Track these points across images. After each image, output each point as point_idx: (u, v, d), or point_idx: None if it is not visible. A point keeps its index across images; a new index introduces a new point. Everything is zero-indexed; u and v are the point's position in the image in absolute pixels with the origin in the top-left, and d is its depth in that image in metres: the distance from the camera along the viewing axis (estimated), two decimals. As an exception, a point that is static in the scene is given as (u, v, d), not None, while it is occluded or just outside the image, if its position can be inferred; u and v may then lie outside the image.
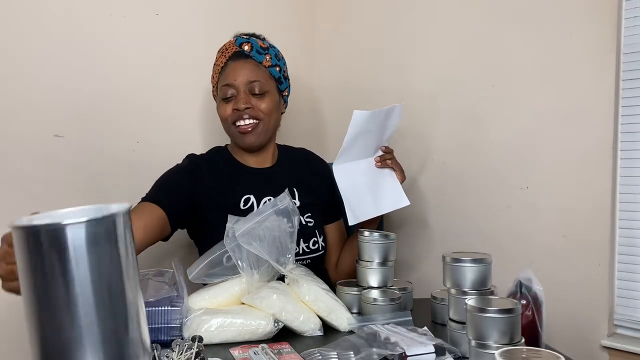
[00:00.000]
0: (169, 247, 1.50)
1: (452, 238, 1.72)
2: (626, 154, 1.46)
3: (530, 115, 1.57)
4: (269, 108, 1.41)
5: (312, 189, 1.50)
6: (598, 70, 1.46)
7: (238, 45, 1.42)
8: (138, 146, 1.58)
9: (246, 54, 1.42)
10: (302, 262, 1.42)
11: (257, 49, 1.43)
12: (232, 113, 1.40)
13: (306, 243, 1.44)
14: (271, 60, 1.44)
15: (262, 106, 1.40)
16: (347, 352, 1.00)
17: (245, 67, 1.40)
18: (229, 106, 1.40)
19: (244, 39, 1.44)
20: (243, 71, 1.40)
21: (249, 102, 1.39)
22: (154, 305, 1.07)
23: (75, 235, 0.70)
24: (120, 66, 1.55)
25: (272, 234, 1.20)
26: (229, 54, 1.43)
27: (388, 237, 1.30)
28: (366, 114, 1.37)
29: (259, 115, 1.40)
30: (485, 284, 1.07)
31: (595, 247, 1.46)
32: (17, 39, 1.35)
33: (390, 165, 1.48)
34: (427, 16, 1.81)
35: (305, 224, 1.45)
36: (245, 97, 1.39)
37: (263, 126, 1.42)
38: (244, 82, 1.39)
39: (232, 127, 1.41)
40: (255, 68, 1.41)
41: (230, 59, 1.42)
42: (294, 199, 1.46)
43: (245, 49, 1.42)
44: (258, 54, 1.42)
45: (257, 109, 1.40)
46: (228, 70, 1.41)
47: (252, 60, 1.42)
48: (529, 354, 0.83)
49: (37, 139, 1.39)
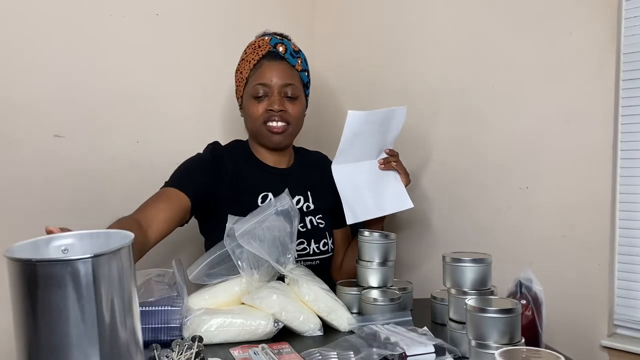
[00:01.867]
0: (169, 247, 1.50)
1: (452, 238, 1.72)
2: (626, 154, 1.46)
3: (530, 115, 1.57)
4: (299, 112, 1.44)
5: (325, 193, 1.51)
6: (598, 70, 1.46)
7: (273, 45, 1.43)
8: (138, 146, 1.58)
9: (281, 55, 1.42)
10: (312, 263, 1.44)
11: (290, 52, 1.44)
12: (264, 112, 1.40)
13: (317, 244, 1.45)
14: (302, 65, 1.47)
15: (294, 110, 1.42)
16: (347, 352, 1.00)
17: (280, 68, 1.41)
18: (261, 105, 1.40)
19: (277, 39, 1.45)
20: (279, 72, 1.41)
21: (283, 104, 1.40)
22: (154, 305, 1.07)
23: (76, 271, 0.69)
24: (120, 66, 1.55)
25: (272, 234, 1.20)
26: (262, 52, 1.42)
27: (388, 237, 1.31)
28: (361, 114, 1.37)
29: (289, 119, 1.42)
30: (485, 284, 1.07)
31: (595, 247, 1.46)
32: (17, 39, 1.36)
33: (394, 167, 1.48)
34: (427, 16, 1.81)
35: (316, 225, 1.47)
36: (280, 99, 1.40)
37: (291, 129, 1.44)
38: (279, 84, 1.40)
39: (262, 126, 1.42)
40: (290, 71, 1.43)
41: (265, 57, 1.42)
42: (307, 201, 1.48)
43: (280, 50, 1.43)
44: (292, 56, 1.44)
45: (288, 112, 1.41)
46: (263, 69, 1.41)
47: (286, 62, 1.43)
48: (529, 354, 0.83)
49: (37, 139, 1.39)
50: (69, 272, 0.69)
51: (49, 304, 0.69)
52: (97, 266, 0.71)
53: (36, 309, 0.69)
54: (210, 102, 1.77)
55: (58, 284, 0.69)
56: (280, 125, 1.41)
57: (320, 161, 1.59)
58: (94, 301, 0.70)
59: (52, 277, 0.69)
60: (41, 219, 1.38)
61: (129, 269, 0.76)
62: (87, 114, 1.48)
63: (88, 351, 0.70)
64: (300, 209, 1.47)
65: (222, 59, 1.78)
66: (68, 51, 1.44)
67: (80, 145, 1.47)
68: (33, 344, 0.70)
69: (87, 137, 1.48)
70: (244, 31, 1.84)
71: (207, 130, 1.75)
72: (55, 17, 1.42)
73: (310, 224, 1.46)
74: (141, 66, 1.60)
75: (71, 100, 1.45)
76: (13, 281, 0.71)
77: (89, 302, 0.70)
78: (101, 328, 0.71)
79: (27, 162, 1.37)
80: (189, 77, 1.70)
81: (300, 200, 1.48)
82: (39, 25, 1.39)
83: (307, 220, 1.46)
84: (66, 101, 1.44)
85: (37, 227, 1.37)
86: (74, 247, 0.82)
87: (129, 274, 0.76)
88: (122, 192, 1.56)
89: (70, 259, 0.71)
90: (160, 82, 1.64)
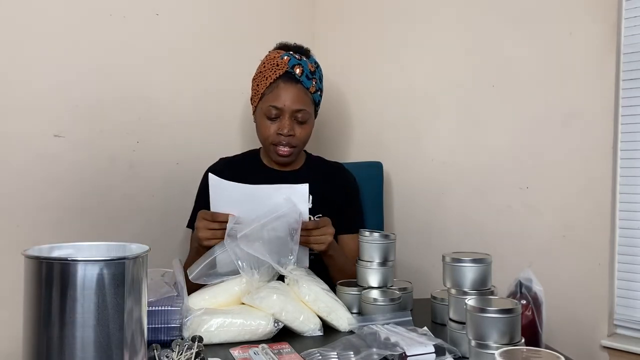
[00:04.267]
0: (170, 247, 1.50)
1: (452, 238, 1.72)
2: (626, 154, 1.46)
3: (530, 115, 1.57)
4: (307, 135, 1.52)
5: (329, 199, 1.53)
6: (598, 70, 1.46)
7: (290, 66, 1.47)
8: (138, 146, 1.58)
9: (297, 78, 1.47)
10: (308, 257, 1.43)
11: (306, 74, 1.48)
12: (274, 135, 1.47)
13: None
14: (316, 85, 1.51)
15: (302, 134, 1.49)
16: (347, 352, 0.99)
17: (294, 92, 1.46)
18: (272, 127, 1.47)
19: (296, 60, 1.48)
20: (292, 97, 1.46)
21: (292, 129, 1.47)
22: (154, 305, 1.07)
23: (88, 273, 0.71)
24: (120, 66, 1.55)
25: (274, 235, 1.20)
26: (280, 72, 1.47)
27: (388, 237, 1.30)
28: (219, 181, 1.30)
29: (296, 143, 1.49)
30: (485, 284, 1.07)
31: (595, 247, 1.46)
32: (17, 39, 1.35)
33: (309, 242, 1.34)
34: (427, 16, 1.81)
35: None
36: (290, 124, 1.47)
37: (297, 150, 1.52)
38: (291, 109, 1.46)
39: (271, 145, 1.50)
40: (303, 95, 1.48)
41: (281, 78, 1.47)
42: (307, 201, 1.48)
43: (296, 73, 1.47)
44: (307, 79, 1.49)
45: (296, 137, 1.48)
46: (278, 91, 1.46)
47: (300, 86, 1.47)
48: (529, 354, 0.83)
49: (37, 139, 1.39)
50: (84, 272, 0.71)
51: (62, 303, 0.70)
52: (112, 269, 0.73)
53: (50, 308, 0.71)
54: (210, 103, 1.76)
55: (73, 283, 0.70)
56: (287, 150, 1.49)
57: (334, 170, 1.63)
58: (108, 302, 0.72)
59: (68, 276, 0.70)
60: (41, 219, 1.39)
61: (143, 278, 0.79)
62: (87, 114, 1.48)
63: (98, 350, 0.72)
64: None
65: (222, 59, 1.79)
66: (68, 51, 1.44)
67: (80, 145, 1.47)
68: (43, 342, 0.71)
69: (87, 137, 1.48)
70: (244, 31, 1.84)
71: (207, 130, 1.75)
72: (55, 17, 1.42)
73: None
74: (141, 66, 1.60)
75: (71, 100, 1.45)
76: (28, 280, 0.73)
77: (101, 302, 0.72)
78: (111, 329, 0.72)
79: (27, 162, 1.37)
80: (189, 77, 1.70)
81: None
82: (39, 25, 1.39)
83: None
84: (66, 101, 1.44)
85: (37, 227, 1.38)
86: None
87: (142, 281, 0.78)
88: (122, 192, 1.56)
89: (90, 259, 0.72)
90: (160, 82, 1.64)
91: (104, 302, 0.71)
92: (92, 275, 0.71)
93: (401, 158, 1.69)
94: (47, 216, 1.40)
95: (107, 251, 0.85)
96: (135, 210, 1.58)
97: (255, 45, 1.64)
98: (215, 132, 1.78)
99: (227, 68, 1.79)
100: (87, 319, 0.71)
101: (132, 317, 0.74)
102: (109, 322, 0.72)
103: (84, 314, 0.71)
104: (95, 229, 1.48)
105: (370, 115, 1.95)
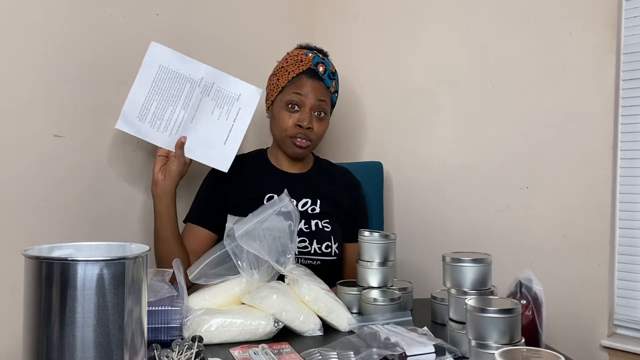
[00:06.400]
0: (169, 247, 1.50)
1: (452, 238, 1.72)
2: (626, 154, 1.46)
3: (530, 115, 1.57)
4: (323, 131, 1.53)
5: (336, 203, 1.55)
6: (598, 70, 1.46)
7: (314, 63, 1.50)
8: (138, 146, 1.58)
9: (320, 75, 1.49)
10: (313, 262, 1.45)
11: (329, 73, 1.52)
12: (293, 127, 1.48)
13: (319, 245, 1.47)
14: (335, 86, 1.54)
15: (319, 129, 1.51)
16: (347, 352, 0.99)
17: (318, 87, 1.49)
18: (292, 118, 1.48)
19: (319, 58, 1.52)
20: (316, 92, 1.48)
21: (312, 122, 1.48)
22: (154, 305, 1.07)
23: (88, 273, 0.71)
24: (120, 66, 1.54)
25: (272, 234, 1.20)
26: (303, 68, 1.49)
27: (388, 237, 1.30)
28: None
29: (314, 137, 1.51)
30: (485, 284, 1.07)
31: (595, 247, 1.46)
32: (17, 38, 1.35)
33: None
34: (427, 16, 1.81)
35: (322, 228, 1.50)
36: (310, 116, 1.48)
37: (312, 146, 1.53)
38: (313, 103, 1.48)
39: (288, 138, 1.49)
40: (325, 92, 1.51)
41: (304, 73, 1.49)
42: (315, 204, 1.52)
43: (320, 70, 1.50)
44: (329, 78, 1.52)
45: (314, 131, 1.50)
46: (302, 83, 1.49)
47: (323, 84, 1.50)
48: (529, 354, 0.83)
49: (37, 139, 1.39)
50: (84, 272, 0.71)
51: (62, 303, 0.71)
52: (112, 269, 0.73)
53: (50, 308, 0.71)
54: (210, 102, 1.76)
55: (73, 283, 0.71)
56: (305, 142, 1.49)
57: (340, 173, 1.64)
58: (108, 302, 0.72)
59: (68, 276, 0.71)
60: (41, 219, 1.39)
61: (143, 278, 0.79)
62: (87, 114, 1.48)
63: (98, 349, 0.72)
64: (305, 211, 1.51)
65: (222, 59, 1.78)
66: (68, 51, 1.44)
67: (80, 145, 1.47)
68: (43, 342, 0.71)
69: (87, 137, 1.48)
70: (244, 31, 1.84)
71: (207, 130, 1.75)
72: (55, 17, 1.42)
73: (315, 226, 1.49)
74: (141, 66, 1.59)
75: (71, 100, 1.45)
76: (28, 280, 0.73)
77: (101, 302, 0.72)
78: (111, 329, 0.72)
79: (27, 162, 1.37)
80: (189, 77, 1.70)
81: (307, 202, 1.52)
82: (39, 24, 1.39)
83: (313, 223, 1.50)
84: (66, 101, 1.44)
85: (36, 227, 1.38)
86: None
87: (143, 281, 0.79)
88: (122, 192, 1.56)
89: (90, 259, 0.73)
90: (160, 82, 1.64)
91: (104, 302, 0.71)
92: (92, 275, 0.71)
93: (401, 158, 1.69)
94: (47, 216, 1.40)
95: (107, 251, 0.85)
96: (135, 210, 1.58)
97: (256, 46, 1.65)
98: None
99: (227, 68, 1.78)
100: (87, 319, 0.71)
101: (132, 317, 0.74)
102: (109, 322, 0.72)
103: (84, 314, 0.71)
104: (95, 229, 1.48)
105: (370, 115, 1.95)
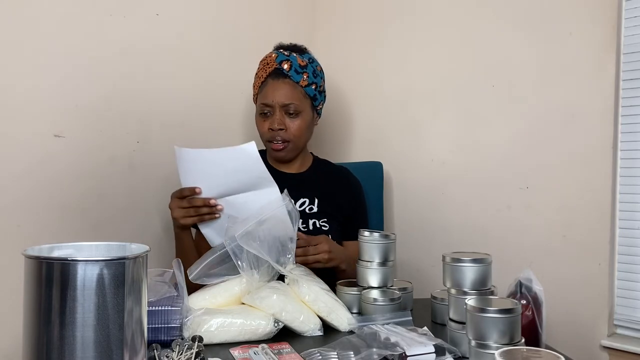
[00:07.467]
0: (170, 247, 1.50)
1: (452, 238, 1.72)
2: (626, 154, 1.46)
3: (530, 115, 1.57)
4: (301, 128, 1.50)
5: (335, 203, 1.55)
6: (598, 70, 1.46)
7: (278, 62, 1.49)
8: (138, 146, 1.58)
9: (285, 73, 1.48)
10: None
11: (295, 68, 1.49)
12: (267, 132, 1.50)
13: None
14: (308, 79, 1.51)
15: (294, 127, 1.49)
16: (347, 352, 0.99)
17: (282, 87, 1.48)
18: (265, 123, 1.50)
19: (284, 56, 1.50)
20: (280, 92, 1.48)
21: (283, 122, 1.48)
22: (154, 305, 1.07)
23: (88, 273, 0.71)
24: (120, 66, 1.55)
25: (272, 234, 1.20)
26: (269, 70, 1.50)
27: (388, 237, 1.30)
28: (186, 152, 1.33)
29: (289, 137, 1.50)
30: (485, 284, 1.07)
31: (595, 247, 1.46)
32: (17, 38, 1.35)
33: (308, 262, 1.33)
34: (427, 16, 1.81)
35: (319, 227, 1.50)
36: (280, 118, 1.48)
37: (292, 145, 1.52)
38: (280, 103, 1.48)
39: (266, 142, 1.53)
40: (292, 89, 1.49)
41: (270, 76, 1.50)
42: (312, 204, 1.52)
43: (284, 68, 1.48)
44: (296, 73, 1.49)
45: (289, 130, 1.49)
46: (267, 89, 1.49)
47: (289, 81, 1.49)
48: (529, 354, 0.83)
49: (37, 139, 1.39)
50: (84, 272, 0.71)
51: (62, 303, 0.71)
52: (112, 269, 0.73)
53: (50, 308, 0.71)
54: (210, 103, 1.76)
55: (73, 283, 0.71)
56: (280, 145, 1.49)
57: (340, 174, 1.63)
58: (108, 302, 0.72)
59: (68, 276, 0.71)
60: (41, 219, 1.39)
61: (143, 278, 0.79)
62: (87, 114, 1.48)
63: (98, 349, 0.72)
64: (304, 210, 1.51)
65: (222, 59, 1.78)
66: (68, 51, 1.44)
67: (80, 145, 1.47)
68: (43, 342, 0.71)
69: (87, 137, 1.48)
70: (245, 32, 1.84)
71: (207, 130, 1.75)
72: (55, 17, 1.42)
73: (313, 226, 1.49)
74: (141, 66, 1.59)
75: (71, 100, 1.45)
76: (28, 280, 0.73)
77: (101, 302, 0.72)
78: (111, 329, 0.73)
79: (28, 162, 1.37)
80: (189, 77, 1.70)
81: (305, 202, 1.52)
82: (39, 24, 1.39)
83: (311, 222, 1.50)
84: (66, 101, 1.44)
85: (36, 227, 1.38)
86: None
87: (143, 281, 0.79)
88: (122, 192, 1.56)
89: (90, 259, 0.73)
90: (160, 82, 1.64)
91: (104, 302, 0.71)
92: (92, 275, 0.71)
93: (401, 158, 1.69)
94: (47, 216, 1.40)
95: (107, 251, 0.85)
96: (135, 210, 1.58)
97: (256, 46, 1.65)
98: (216, 133, 1.77)
99: (228, 68, 1.79)
100: (87, 319, 0.71)
101: (132, 317, 0.74)
102: (109, 322, 0.72)
103: (84, 314, 0.71)
104: (95, 229, 1.48)
105: (370, 115, 1.95)
